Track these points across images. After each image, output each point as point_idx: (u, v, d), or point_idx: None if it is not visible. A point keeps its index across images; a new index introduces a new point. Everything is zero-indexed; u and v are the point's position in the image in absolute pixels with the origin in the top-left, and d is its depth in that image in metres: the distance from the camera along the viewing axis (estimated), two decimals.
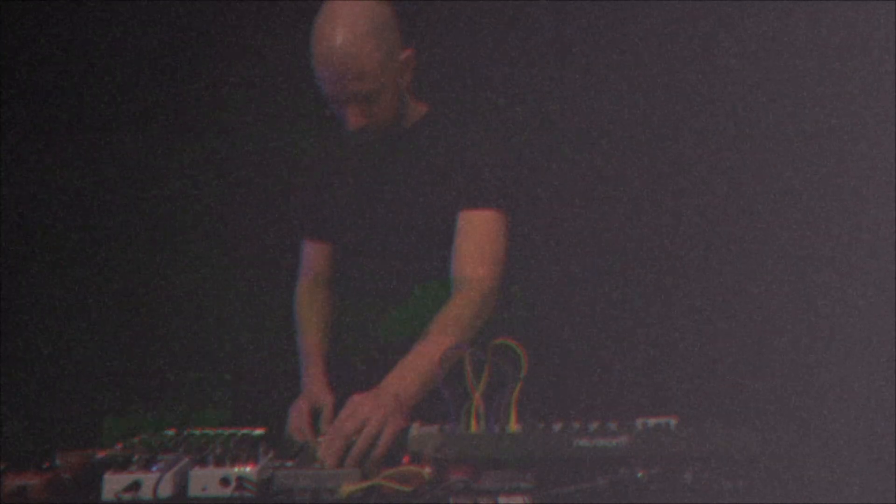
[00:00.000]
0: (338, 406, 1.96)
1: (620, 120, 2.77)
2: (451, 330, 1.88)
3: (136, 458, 1.54)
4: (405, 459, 1.56)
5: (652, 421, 1.58)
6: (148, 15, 2.82)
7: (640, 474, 1.45)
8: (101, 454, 1.64)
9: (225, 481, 1.45)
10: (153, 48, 2.83)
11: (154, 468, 1.48)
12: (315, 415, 1.98)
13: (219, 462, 1.48)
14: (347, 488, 1.45)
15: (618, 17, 2.74)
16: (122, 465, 1.51)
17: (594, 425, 1.56)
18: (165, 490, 1.44)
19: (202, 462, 1.49)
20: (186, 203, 2.88)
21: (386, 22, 1.97)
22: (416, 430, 1.68)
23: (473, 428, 1.56)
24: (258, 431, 1.80)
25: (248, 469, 1.46)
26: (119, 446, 1.68)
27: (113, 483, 1.44)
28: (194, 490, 1.45)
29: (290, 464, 1.56)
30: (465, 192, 2.03)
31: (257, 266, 2.81)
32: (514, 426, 1.56)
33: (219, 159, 2.87)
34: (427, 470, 1.49)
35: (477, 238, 2.01)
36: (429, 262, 2.06)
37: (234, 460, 1.49)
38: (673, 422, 1.57)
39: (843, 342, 2.56)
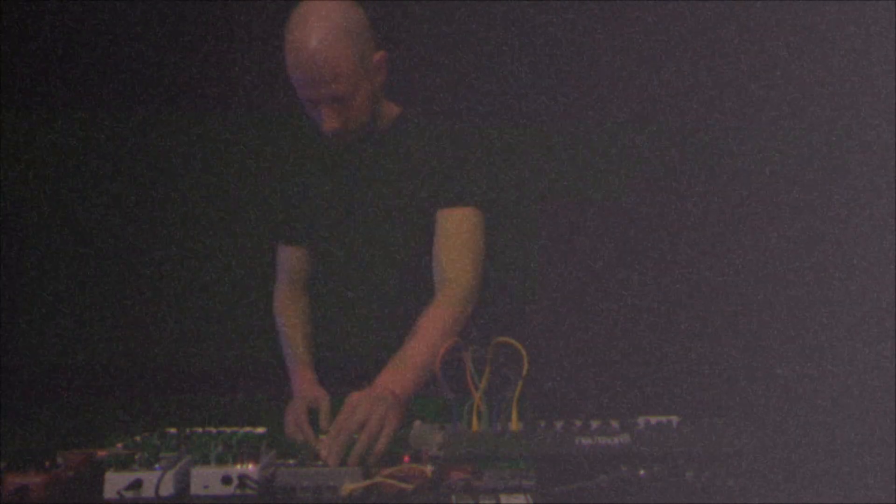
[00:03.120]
0: (332, 405, 1.98)
1: (608, 116, 2.77)
2: (439, 327, 1.92)
3: (137, 456, 1.54)
4: (406, 458, 1.57)
5: (654, 419, 1.58)
6: (121, 13, 2.81)
7: (641, 473, 1.45)
8: (102, 453, 1.64)
9: (226, 480, 1.45)
10: (134, 48, 2.83)
11: (156, 467, 1.48)
12: (312, 414, 1.99)
13: (220, 461, 1.48)
14: (349, 487, 1.45)
15: (597, 14, 2.74)
16: (124, 463, 1.50)
17: (596, 424, 1.56)
18: (167, 489, 1.44)
19: (204, 461, 1.49)
20: (187, 205, 2.88)
21: (359, 24, 1.98)
22: (417, 428, 1.68)
23: (475, 426, 1.56)
24: (259, 430, 1.80)
25: (249, 468, 1.46)
26: (120, 446, 1.68)
27: (115, 482, 1.44)
28: (196, 489, 1.45)
29: (291, 462, 1.56)
30: (442, 191, 2.06)
31: (256, 266, 2.81)
32: (515, 425, 1.56)
33: (207, 162, 2.87)
34: (428, 468, 1.49)
35: (457, 237, 2.04)
36: (409, 261, 2.08)
37: (236, 459, 1.49)
38: (674, 420, 1.58)
39: (843, 342, 2.56)
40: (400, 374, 1.84)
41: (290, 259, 2.27)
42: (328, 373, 2.13)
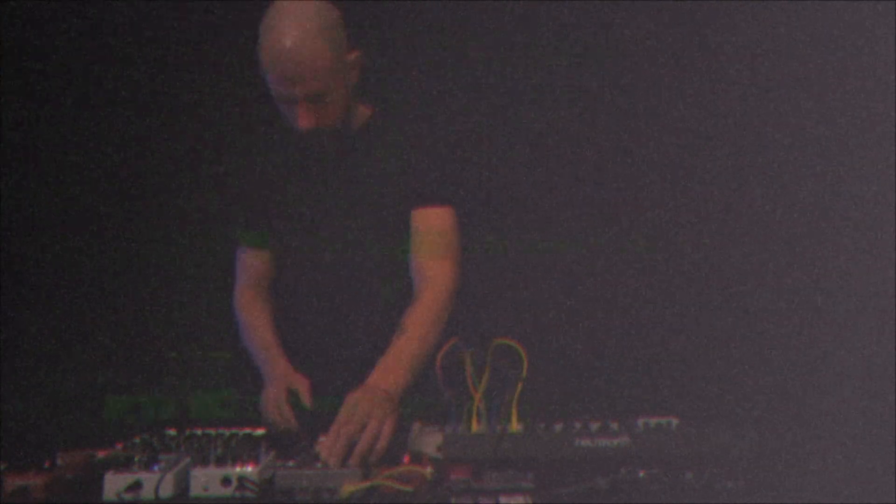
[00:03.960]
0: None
1: (591, 113, 2.77)
2: (425, 325, 1.95)
3: (137, 457, 1.54)
4: (406, 459, 1.57)
5: (653, 421, 1.58)
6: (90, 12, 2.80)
7: (641, 474, 1.45)
8: (101, 454, 1.64)
9: (226, 481, 1.45)
10: (106, 48, 2.82)
11: (155, 468, 1.48)
12: (291, 398, 1.97)
13: (220, 462, 1.49)
14: (348, 488, 1.45)
15: (568, 12, 2.74)
16: (124, 464, 1.51)
17: (595, 425, 1.56)
18: (166, 490, 1.44)
19: (203, 462, 1.50)
20: (181, 192, 2.88)
21: (334, 23, 1.99)
22: (417, 429, 1.68)
23: (474, 428, 1.56)
24: (259, 431, 1.80)
25: (249, 469, 1.46)
26: (120, 446, 1.68)
27: (114, 483, 1.44)
28: (195, 490, 1.45)
29: (291, 464, 1.56)
30: (416, 190, 2.08)
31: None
32: (514, 426, 1.56)
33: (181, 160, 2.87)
34: (428, 470, 1.49)
35: (434, 235, 2.07)
36: (383, 261, 2.10)
37: (236, 460, 1.49)
38: (674, 422, 1.58)
39: (843, 342, 2.56)
40: (392, 373, 1.86)
41: (254, 262, 2.24)
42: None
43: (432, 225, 2.07)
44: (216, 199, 2.75)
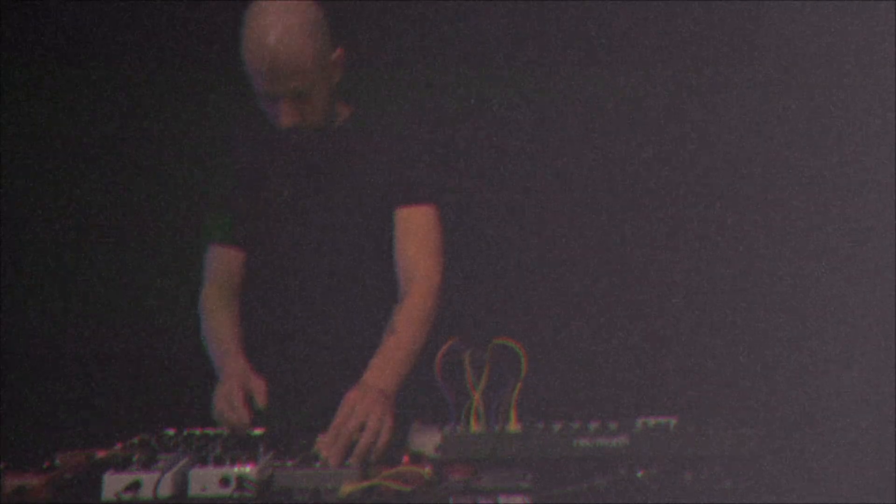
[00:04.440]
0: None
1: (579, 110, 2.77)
2: (416, 323, 1.96)
3: (136, 457, 1.54)
4: (405, 459, 1.57)
5: (652, 421, 1.58)
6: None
7: (639, 474, 1.45)
8: (101, 454, 1.64)
9: (225, 481, 1.45)
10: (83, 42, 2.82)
11: (154, 468, 1.48)
12: (247, 396, 1.93)
13: (219, 462, 1.49)
14: (347, 488, 1.45)
15: (549, 11, 2.75)
16: (122, 464, 1.51)
17: (594, 425, 1.56)
18: (165, 490, 1.44)
19: (202, 462, 1.50)
20: (180, 204, 2.88)
21: (318, 20, 2.00)
22: (416, 429, 1.68)
23: (474, 427, 1.56)
24: (257, 431, 1.80)
25: (247, 469, 1.46)
26: (119, 446, 1.68)
27: (113, 483, 1.44)
28: (194, 490, 1.45)
29: (290, 463, 1.56)
30: (399, 189, 2.08)
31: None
32: (514, 426, 1.56)
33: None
34: (427, 469, 1.49)
35: (419, 234, 2.07)
36: (365, 259, 2.10)
37: (234, 460, 1.49)
38: (673, 422, 1.58)
39: (843, 342, 2.56)
40: (386, 372, 1.86)
41: (222, 262, 2.20)
42: (286, 375, 2.11)
43: (416, 223, 2.08)
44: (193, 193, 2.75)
